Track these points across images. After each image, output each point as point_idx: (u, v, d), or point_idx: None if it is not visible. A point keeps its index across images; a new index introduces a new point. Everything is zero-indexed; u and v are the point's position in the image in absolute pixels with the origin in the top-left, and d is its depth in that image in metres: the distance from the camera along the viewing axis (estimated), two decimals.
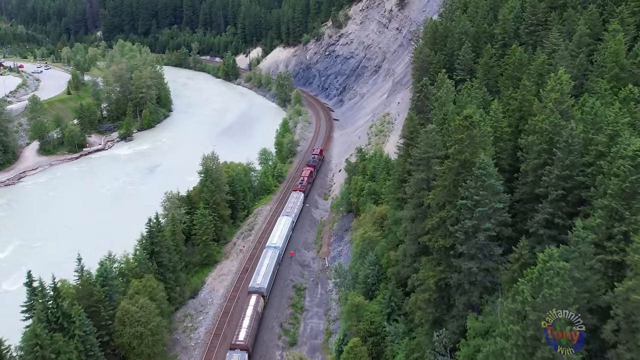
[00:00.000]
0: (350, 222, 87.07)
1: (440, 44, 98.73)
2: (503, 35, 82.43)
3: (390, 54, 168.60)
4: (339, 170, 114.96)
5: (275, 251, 75.45)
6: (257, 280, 68.00)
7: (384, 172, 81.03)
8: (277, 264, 74.11)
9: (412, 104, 64.70)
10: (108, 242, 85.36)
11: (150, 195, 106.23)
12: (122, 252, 62.73)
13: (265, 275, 69.11)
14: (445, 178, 44.01)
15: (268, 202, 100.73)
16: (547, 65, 62.35)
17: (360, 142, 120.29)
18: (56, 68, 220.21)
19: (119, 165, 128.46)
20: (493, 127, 51.69)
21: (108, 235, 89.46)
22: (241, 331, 58.30)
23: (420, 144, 51.10)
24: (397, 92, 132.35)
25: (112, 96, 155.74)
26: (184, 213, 78.86)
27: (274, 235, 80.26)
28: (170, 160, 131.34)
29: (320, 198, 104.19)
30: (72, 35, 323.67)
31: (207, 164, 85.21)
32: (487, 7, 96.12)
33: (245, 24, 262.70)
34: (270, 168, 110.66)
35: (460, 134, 42.17)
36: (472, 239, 41.35)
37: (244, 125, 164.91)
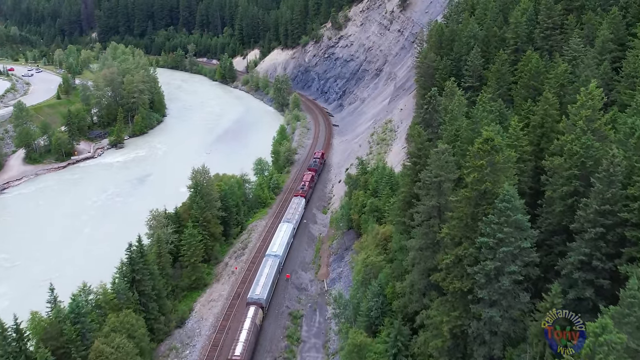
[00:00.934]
0: (351, 240, 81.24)
1: (446, 48, 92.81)
2: (515, 40, 76.64)
3: (391, 56, 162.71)
4: (338, 181, 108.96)
5: (275, 260, 72.38)
6: (256, 291, 65.03)
7: (387, 187, 75.27)
8: (277, 273, 71.10)
9: (420, 117, 58.81)
10: (90, 262, 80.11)
11: (139, 209, 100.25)
12: (99, 282, 56.72)
13: (264, 285, 66.22)
14: (462, 210, 38.04)
15: (263, 216, 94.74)
16: (568, 74, 56.58)
17: (361, 151, 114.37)
18: (48, 71, 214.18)
19: (108, 175, 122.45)
20: (512, 145, 45.83)
21: (91, 254, 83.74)
22: (238, 345, 55.26)
23: (431, 165, 45.12)
24: (400, 98, 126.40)
25: (103, 101, 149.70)
26: (171, 232, 72.91)
27: (274, 244, 77.10)
28: (162, 169, 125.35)
29: (319, 212, 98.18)
30: (66, 37, 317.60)
31: (197, 179, 79.20)
32: (497, 9, 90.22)
33: (242, 26, 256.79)
34: (266, 179, 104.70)
35: (480, 159, 36.19)
36: (494, 283, 35.44)
37: (240, 131, 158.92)
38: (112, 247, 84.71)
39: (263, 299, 64.08)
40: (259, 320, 61.48)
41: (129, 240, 71.81)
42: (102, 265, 75.93)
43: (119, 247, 68.96)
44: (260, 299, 63.85)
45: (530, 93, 62.33)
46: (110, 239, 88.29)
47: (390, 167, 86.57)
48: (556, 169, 42.39)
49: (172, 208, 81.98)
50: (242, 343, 55.56)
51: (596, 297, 34.48)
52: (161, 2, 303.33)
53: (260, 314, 62.45)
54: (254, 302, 63.32)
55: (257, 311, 61.72)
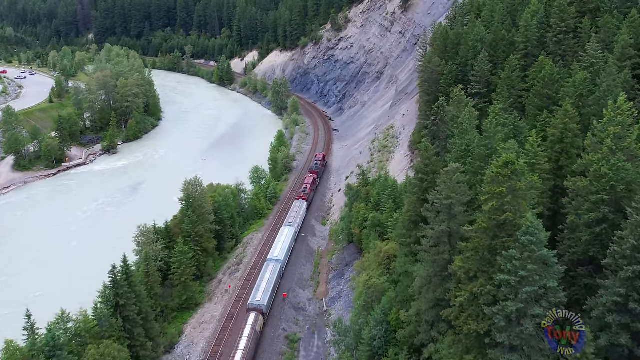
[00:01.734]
0: (352, 255, 77.00)
1: (451, 52, 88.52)
2: (525, 44, 72.29)
3: (393, 59, 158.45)
4: (338, 190, 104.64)
5: (276, 265, 71.11)
6: (257, 297, 63.72)
7: (390, 200, 70.98)
8: (278, 278, 69.83)
9: (426, 128, 54.44)
10: (76, 279, 75.80)
11: (130, 220, 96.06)
12: (80, 308, 52.36)
13: (265, 291, 65.00)
14: (478, 241, 33.74)
15: (260, 228, 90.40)
16: (586, 83, 52.36)
17: (362, 158, 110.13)
18: (41, 74, 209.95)
19: (100, 183, 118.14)
20: (530, 163, 41.60)
21: (77, 270, 79.40)
22: (237, 353, 53.84)
23: (440, 186, 40.85)
24: (402, 102, 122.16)
25: (96, 105, 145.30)
26: (160, 249, 68.62)
27: (275, 248, 75.67)
28: (156, 176, 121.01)
29: (318, 223, 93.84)
30: (62, 38, 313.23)
31: (189, 191, 74.88)
32: (505, 11, 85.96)
33: (240, 27, 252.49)
34: (263, 188, 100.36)
35: (500, 186, 31.88)
36: (515, 326, 31.14)
37: (237, 136, 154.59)
38: (100, 262, 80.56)
39: (264, 305, 62.60)
40: (260, 327, 59.94)
41: (119, 254, 67.25)
42: (88, 282, 71.79)
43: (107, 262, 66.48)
44: (260, 305, 62.42)
45: (544, 102, 58.09)
46: (99, 253, 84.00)
47: (392, 178, 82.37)
48: (580, 192, 38.20)
49: (164, 220, 77.96)
50: (242, 351, 54.06)
51: (632, 343, 30.30)
52: (158, 2, 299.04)
53: (261, 320, 60.99)
54: (255, 309, 61.91)
55: (258, 317, 60.25)
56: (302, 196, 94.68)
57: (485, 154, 43.55)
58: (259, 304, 62.66)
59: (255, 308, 62.11)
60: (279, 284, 70.22)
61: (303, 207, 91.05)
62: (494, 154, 43.48)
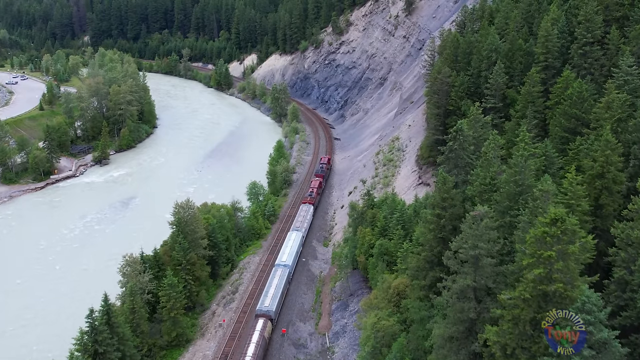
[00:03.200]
0: (356, 283, 71.18)
1: (462, 62, 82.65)
2: (546, 56, 66.22)
3: (396, 64, 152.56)
4: (341, 207, 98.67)
5: (284, 270, 71.08)
6: (265, 303, 63.76)
7: (399, 226, 65.10)
8: (286, 283, 69.99)
9: (444, 157, 48.48)
10: (56, 312, 70.01)
11: (119, 241, 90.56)
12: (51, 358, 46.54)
13: (274, 296, 65.04)
14: (518, 312, 27.80)
15: (257, 250, 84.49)
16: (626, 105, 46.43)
17: (366, 172, 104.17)
18: (34, 78, 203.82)
19: (89, 197, 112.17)
20: (569, 205, 35.70)
21: (59, 299, 73.55)
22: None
23: (465, 232, 34.95)
24: (407, 112, 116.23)
25: (87, 113, 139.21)
26: (147, 280, 62.68)
27: (283, 253, 75.94)
28: (148, 190, 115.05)
29: (320, 244, 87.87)
30: (57, 41, 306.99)
31: (180, 215, 68.91)
32: (520, 18, 79.93)
33: (239, 29, 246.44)
34: (261, 206, 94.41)
35: (547, 249, 25.92)
36: None
37: (234, 144, 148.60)
38: (83, 291, 75.01)
39: (272, 311, 62.58)
40: (268, 333, 59.87)
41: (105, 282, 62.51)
42: (70, 314, 66.16)
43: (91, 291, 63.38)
44: (269, 311, 62.41)
45: (572, 123, 52.23)
46: (83, 281, 78.45)
47: (400, 197, 76.50)
48: (632, 242, 32.35)
49: (154, 242, 72.40)
50: (250, 357, 53.98)
51: None
52: (155, 4, 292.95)
53: (270, 326, 60.92)
54: (263, 314, 61.87)
55: (266, 324, 60.16)
56: (308, 200, 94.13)
57: (515, 192, 37.64)
58: (267, 309, 62.46)
59: (263, 314, 61.89)
60: (287, 289, 70.11)
61: (310, 211, 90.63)
62: (525, 192, 37.60)
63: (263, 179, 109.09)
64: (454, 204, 43.68)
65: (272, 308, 62.89)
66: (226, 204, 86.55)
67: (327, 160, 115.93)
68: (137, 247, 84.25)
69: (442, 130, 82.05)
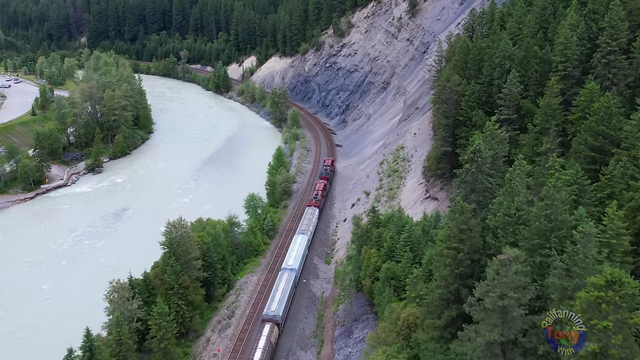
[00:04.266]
0: (361, 307, 66.57)
1: (473, 69, 77.91)
2: (564, 64, 61.52)
3: (400, 68, 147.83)
4: (343, 220, 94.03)
5: (291, 274, 70.87)
6: (272, 307, 63.53)
7: (407, 248, 60.53)
8: (293, 287, 69.68)
9: (460, 181, 43.72)
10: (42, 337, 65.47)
11: (110, 258, 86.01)
12: None
13: (280, 301, 64.71)
14: None
15: (255, 269, 79.80)
16: None
17: (369, 183, 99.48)
18: (28, 81, 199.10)
19: (81, 208, 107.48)
20: (608, 244, 31.07)
21: (45, 324, 68.85)
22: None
23: (491, 277, 30.31)
24: (412, 119, 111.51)
25: (80, 119, 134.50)
26: (136, 308, 58.08)
27: (289, 257, 75.69)
28: (142, 200, 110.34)
29: (321, 261, 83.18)
30: (54, 42, 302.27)
31: (171, 235, 64.23)
32: (534, 23, 75.21)
33: (238, 31, 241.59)
34: (260, 220, 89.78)
35: (602, 318, 21.25)
36: None
37: (232, 151, 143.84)
38: (72, 313, 70.58)
39: (279, 316, 62.26)
40: (275, 338, 59.53)
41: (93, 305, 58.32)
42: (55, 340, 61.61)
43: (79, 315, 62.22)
44: (276, 316, 62.11)
45: (599, 141, 47.59)
46: (71, 302, 73.84)
47: (407, 215, 71.76)
48: None
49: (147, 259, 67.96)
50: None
51: None
52: (153, 5, 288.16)
53: (276, 331, 60.58)
54: (270, 319, 61.62)
55: (273, 328, 59.82)
56: (313, 203, 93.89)
57: (547, 228, 32.96)
58: (274, 314, 62.12)
59: (270, 319, 61.63)
60: (293, 293, 69.68)
61: (315, 214, 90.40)
62: (558, 227, 32.93)
63: (262, 188, 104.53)
64: (472, 235, 39.09)
65: (278, 312, 62.43)
66: (222, 219, 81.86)
67: (330, 162, 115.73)
68: (127, 265, 79.76)
69: (451, 142, 77.54)
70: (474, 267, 40.03)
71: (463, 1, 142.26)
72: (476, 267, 40.06)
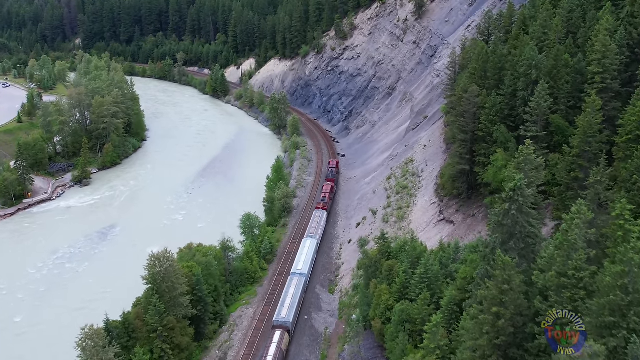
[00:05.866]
0: (370, 350, 58.95)
1: (493, 78, 70.16)
2: (602, 76, 53.78)
3: (406, 73, 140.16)
4: (348, 241, 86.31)
5: (300, 279, 70.31)
6: (282, 313, 62.79)
7: (423, 285, 53.14)
8: (302, 292, 69.01)
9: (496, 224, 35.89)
10: None
11: (92, 284, 78.48)
12: None
13: (290, 306, 64.03)
14: None
15: (252, 299, 72.07)
16: None
17: (376, 200, 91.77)
18: (17, 85, 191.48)
19: (64, 226, 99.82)
20: None
21: None
22: None
23: None
24: (421, 129, 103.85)
25: (67, 128, 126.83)
26: (112, 358, 50.37)
27: (298, 261, 74.77)
28: (132, 217, 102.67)
29: (324, 290, 75.37)
30: (48, 43, 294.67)
31: (155, 269, 56.48)
32: (562, 27, 67.46)
33: (236, 32, 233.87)
34: (257, 242, 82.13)
35: None
36: None
37: (229, 160, 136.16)
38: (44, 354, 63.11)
39: (289, 322, 61.53)
40: (285, 345, 58.70)
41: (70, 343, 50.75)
42: None
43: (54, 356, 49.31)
44: (286, 322, 61.36)
45: None
46: (45, 338, 66.14)
47: (421, 243, 63.94)
48: None
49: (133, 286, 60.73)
50: None
51: None
52: (149, 6, 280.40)
53: (287, 338, 59.76)
54: (280, 326, 60.79)
55: (283, 335, 59.03)
56: (321, 206, 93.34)
57: (624, 304, 25.24)
58: (284, 320, 61.36)
59: (280, 325, 60.79)
60: (303, 299, 68.84)
61: (323, 217, 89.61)
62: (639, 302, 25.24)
63: (259, 204, 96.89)
64: (515, 297, 31.39)
65: (289, 319, 61.67)
66: (215, 244, 74.17)
67: (335, 164, 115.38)
68: (110, 294, 72.64)
69: (468, 159, 69.79)
70: (516, 335, 32.37)
71: (473, 2, 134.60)
72: (519, 335, 32.43)
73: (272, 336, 58.89)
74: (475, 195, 71.54)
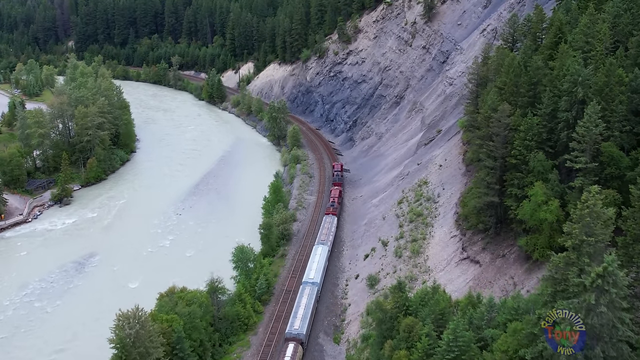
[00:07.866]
0: None
1: (527, 95, 59.90)
2: None
3: (415, 80, 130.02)
4: (355, 277, 76.01)
5: (313, 288, 67.66)
6: (295, 325, 60.39)
7: (453, 356, 42.90)
8: (315, 302, 66.51)
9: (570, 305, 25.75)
10: None
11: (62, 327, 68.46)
12: None
13: (303, 318, 61.51)
14: None
15: (244, 352, 61.71)
16: None
17: (386, 228, 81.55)
18: (1, 91, 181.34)
19: (38, 253, 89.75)
20: None
21: None
22: None
23: None
24: (435, 145, 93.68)
25: (47, 141, 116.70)
26: None
27: (310, 269, 72.25)
28: (114, 242, 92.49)
29: (329, 339, 64.88)
30: (40, 46, 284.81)
31: (124, 332, 46.26)
32: (608, 32, 57.16)
33: (234, 35, 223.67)
34: (250, 280, 71.95)
35: None
36: None
37: (223, 175, 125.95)
38: None
39: (303, 334, 59.40)
40: (299, 358, 56.50)
41: None
42: None
43: None
44: (299, 334, 59.19)
45: None
46: None
47: (445, 293, 53.62)
48: None
49: (107, 332, 50.29)
50: None
51: None
52: (144, 7, 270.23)
53: (300, 350, 57.58)
54: (293, 338, 58.54)
55: (297, 348, 56.51)
56: (331, 211, 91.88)
57: None
58: (297, 332, 59.17)
59: (293, 337, 58.52)
60: (315, 309, 66.36)
61: (334, 223, 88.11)
62: None
63: (255, 227, 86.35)
64: None
65: (302, 331, 59.40)
66: (203, 284, 64.04)
67: (340, 167, 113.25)
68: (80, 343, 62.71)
69: (498, 190, 59.58)
70: None
71: (487, 4, 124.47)
72: None
73: (285, 349, 56.09)
74: (504, 231, 61.33)
